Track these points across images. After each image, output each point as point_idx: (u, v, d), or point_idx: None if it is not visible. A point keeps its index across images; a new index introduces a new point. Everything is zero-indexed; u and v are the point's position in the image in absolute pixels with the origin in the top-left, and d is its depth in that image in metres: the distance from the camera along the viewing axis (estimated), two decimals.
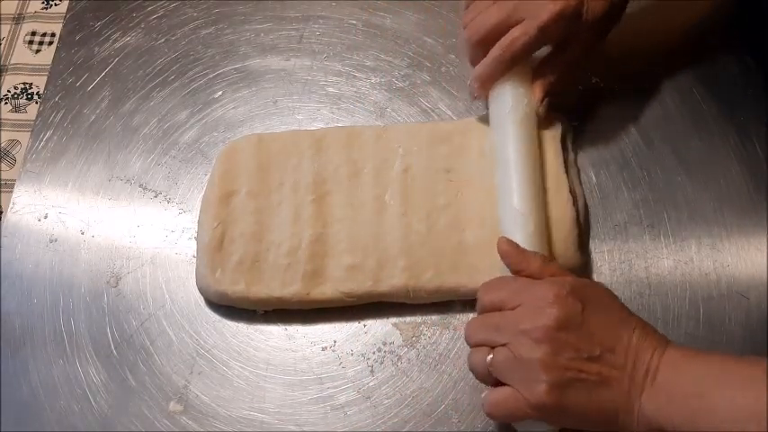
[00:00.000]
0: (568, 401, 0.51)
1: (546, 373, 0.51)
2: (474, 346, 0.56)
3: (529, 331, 0.52)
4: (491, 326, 0.55)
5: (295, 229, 0.66)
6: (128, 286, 0.68)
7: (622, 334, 0.53)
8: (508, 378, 0.53)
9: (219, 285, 0.64)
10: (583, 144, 0.71)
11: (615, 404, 0.51)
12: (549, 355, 0.51)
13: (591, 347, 0.52)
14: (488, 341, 0.55)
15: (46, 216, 0.71)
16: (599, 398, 0.51)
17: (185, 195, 0.72)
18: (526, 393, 0.52)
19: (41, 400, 0.63)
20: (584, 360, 0.52)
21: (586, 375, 0.51)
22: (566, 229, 0.64)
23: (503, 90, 0.66)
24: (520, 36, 0.64)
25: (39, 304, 0.67)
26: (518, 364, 0.52)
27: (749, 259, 0.65)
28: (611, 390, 0.51)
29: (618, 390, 0.51)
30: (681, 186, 0.69)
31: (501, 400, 0.53)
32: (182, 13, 0.82)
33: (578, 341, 0.52)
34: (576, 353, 0.52)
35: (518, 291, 0.56)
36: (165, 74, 0.78)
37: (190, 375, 0.64)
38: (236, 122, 0.75)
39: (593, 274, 0.66)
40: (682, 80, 0.74)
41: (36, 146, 0.75)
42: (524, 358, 0.52)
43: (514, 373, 0.53)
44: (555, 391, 0.51)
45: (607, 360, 0.52)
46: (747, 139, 0.71)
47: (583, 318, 0.53)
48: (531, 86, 0.67)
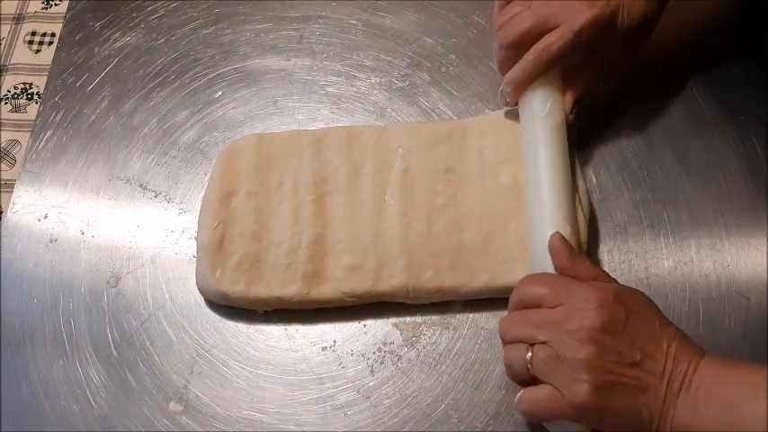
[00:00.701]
0: (608, 404, 0.52)
1: (589, 374, 0.51)
2: (509, 342, 0.56)
3: (573, 331, 0.53)
4: (531, 322, 0.55)
5: (295, 229, 0.66)
6: (128, 286, 0.68)
7: (662, 343, 0.53)
8: (549, 377, 0.53)
9: (219, 285, 0.64)
10: (583, 144, 0.71)
11: (650, 410, 0.52)
12: (593, 357, 0.52)
13: (632, 353, 0.52)
14: (528, 337, 0.55)
15: (46, 216, 0.71)
16: (636, 402, 0.52)
17: (185, 195, 0.72)
18: (567, 393, 0.52)
19: (41, 400, 0.63)
20: (626, 365, 0.52)
21: (627, 380, 0.52)
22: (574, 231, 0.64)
23: (540, 95, 0.66)
24: (556, 41, 0.64)
25: (39, 304, 0.67)
26: (560, 363, 0.52)
27: (749, 259, 0.65)
28: (648, 396, 0.52)
29: (654, 396, 0.52)
30: (681, 187, 0.69)
31: (542, 398, 0.53)
32: (182, 13, 0.82)
33: (621, 346, 0.52)
34: (618, 357, 0.52)
35: (561, 290, 0.55)
36: (165, 74, 0.78)
37: (190, 375, 0.64)
38: (236, 122, 0.75)
39: None
40: (682, 80, 0.74)
41: (36, 146, 0.75)
42: (567, 358, 0.52)
43: (556, 371, 0.53)
44: (596, 392, 0.51)
45: (646, 367, 0.52)
46: (747, 140, 0.71)
47: (626, 324, 0.53)
48: (562, 92, 0.67)
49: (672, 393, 0.52)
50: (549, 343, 0.53)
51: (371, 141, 0.69)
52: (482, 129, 0.69)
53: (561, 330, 0.53)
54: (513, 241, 0.64)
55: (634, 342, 0.53)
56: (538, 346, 0.54)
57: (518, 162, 0.67)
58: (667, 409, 0.51)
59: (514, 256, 0.64)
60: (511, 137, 0.68)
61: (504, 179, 0.67)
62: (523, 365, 0.54)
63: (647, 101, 0.73)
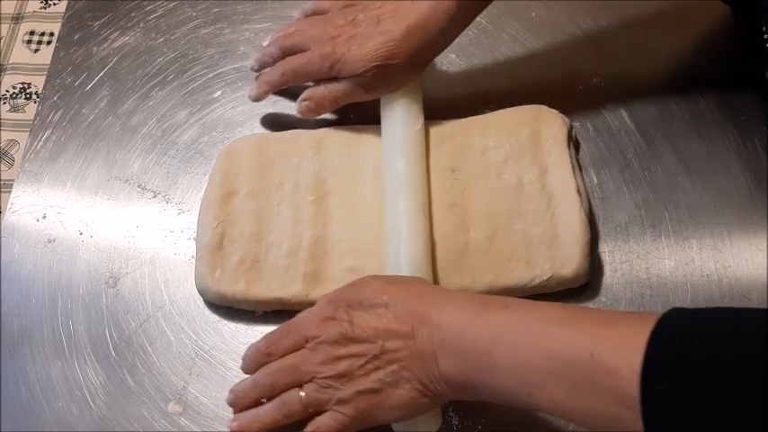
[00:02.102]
0: (382, 401, 0.53)
1: (348, 387, 0.54)
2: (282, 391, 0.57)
3: (319, 360, 0.55)
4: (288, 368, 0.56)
5: (295, 230, 0.65)
6: (126, 287, 0.67)
7: (391, 314, 0.54)
8: (324, 405, 0.55)
9: (219, 286, 0.64)
10: (583, 145, 0.71)
11: (420, 380, 0.53)
12: (344, 370, 0.54)
13: (371, 346, 0.54)
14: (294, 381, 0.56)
15: (44, 216, 0.71)
16: (406, 384, 0.53)
17: (184, 195, 0.71)
18: (345, 411, 0.54)
19: (40, 400, 0.63)
20: (375, 360, 0.53)
21: (383, 371, 0.53)
22: (575, 232, 0.64)
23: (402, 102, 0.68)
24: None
25: (37, 305, 0.67)
26: (325, 390, 0.54)
27: (750, 260, 0.65)
28: (410, 370, 0.53)
29: (415, 367, 0.52)
30: (682, 187, 0.69)
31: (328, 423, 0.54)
32: (181, 13, 0.82)
33: (359, 346, 0.54)
34: (363, 358, 0.54)
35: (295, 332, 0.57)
36: (164, 73, 0.78)
37: (189, 376, 0.63)
38: (236, 122, 0.75)
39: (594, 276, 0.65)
40: (682, 80, 0.74)
41: (34, 146, 0.75)
42: (327, 383, 0.54)
43: (327, 398, 0.54)
44: (366, 398, 0.53)
45: (391, 347, 0.53)
46: (748, 140, 0.71)
47: (352, 325, 0.54)
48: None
49: (427, 356, 0.52)
50: (312, 379, 0.55)
51: (372, 141, 0.69)
52: (482, 129, 0.69)
53: (312, 363, 0.55)
54: (517, 242, 0.64)
55: (367, 335, 0.54)
56: (306, 385, 0.55)
57: (520, 161, 0.67)
58: (432, 370, 0.52)
59: (517, 257, 0.64)
60: (513, 137, 0.68)
61: (507, 178, 0.67)
62: (300, 406, 0.55)
63: (647, 101, 0.73)
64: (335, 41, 0.67)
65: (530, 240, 0.64)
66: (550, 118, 0.69)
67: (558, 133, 0.68)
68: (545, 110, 0.70)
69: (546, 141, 0.68)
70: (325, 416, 0.55)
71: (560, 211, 0.65)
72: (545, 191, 0.66)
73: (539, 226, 0.64)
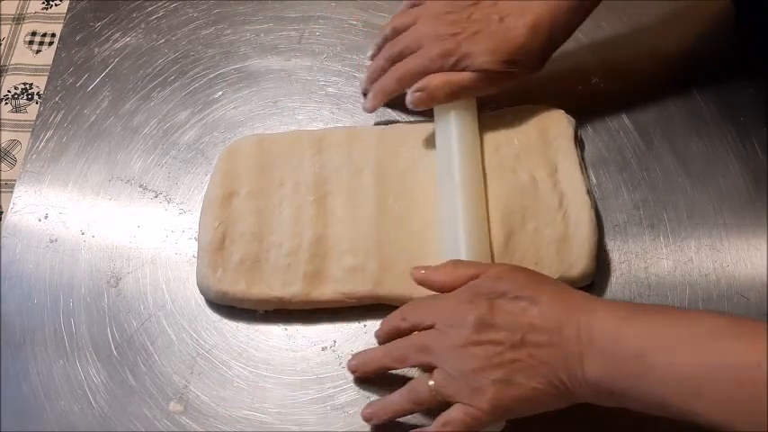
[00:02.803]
0: (516, 393, 0.52)
1: (483, 377, 0.52)
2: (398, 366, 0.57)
3: (452, 345, 0.54)
4: (414, 347, 0.56)
5: (296, 230, 0.66)
6: (128, 286, 0.68)
7: (536, 310, 0.53)
8: (454, 396, 0.54)
9: (220, 285, 0.64)
10: (583, 144, 0.71)
11: (560, 379, 0.52)
12: (479, 360, 0.53)
13: (512, 336, 0.53)
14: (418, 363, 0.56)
15: (46, 216, 0.71)
16: (541, 378, 0.52)
17: (186, 196, 0.72)
18: (475, 404, 0.53)
19: (41, 400, 0.63)
20: (512, 350, 0.52)
21: (520, 364, 0.52)
22: (585, 233, 0.64)
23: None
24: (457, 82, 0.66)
25: (39, 304, 0.67)
26: (456, 379, 0.53)
27: (749, 260, 0.65)
28: (550, 367, 0.52)
29: (556, 364, 0.52)
30: (681, 187, 0.69)
31: (457, 418, 0.53)
32: (182, 14, 0.82)
33: (497, 335, 0.53)
34: (500, 347, 0.53)
35: (430, 310, 0.57)
36: (166, 74, 0.78)
37: (190, 375, 0.64)
38: (237, 123, 0.75)
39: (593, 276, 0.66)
40: (682, 80, 0.74)
41: (36, 146, 0.75)
42: (460, 372, 0.53)
43: (457, 389, 0.53)
44: (499, 390, 0.52)
45: (532, 341, 0.52)
46: (747, 140, 0.71)
47: (493, 312, 0.53)
48: None
49: (571, 355, 0.51)
50: (439, 365, 0.54)
51: (372, 141, 0.69)
52: (491, 125, 0.69)
53: (443, 348, 0.54)
54: (529, 242, 0.64)
55: (509, 324, 0.53)
56: (436, 371, 0.55)
57: (530, 158, 0.67)
58: (573, 370, 0.51)
59: (527, 258, 0.63)
60: (521, 134, 0.68)
61: (521, 176, 0.66)
62: (429, 394, 0.55)
63: (647, 101, 0.73)
64: (457, 38, 0.65)
65: (540, 241, 0.64)
66: (556, 117, 0.69)
67: (565, 132, 0.68)
68: (551, 109, 0.70)
69: (554, 140, 0.68)
70: (455, 409, 0.54)
71: (571, 211, 0.64)
72: (557, 189, 0.66)
73: (550, 226, 0.64)
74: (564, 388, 0.52)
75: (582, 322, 0.51)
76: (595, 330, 0.51)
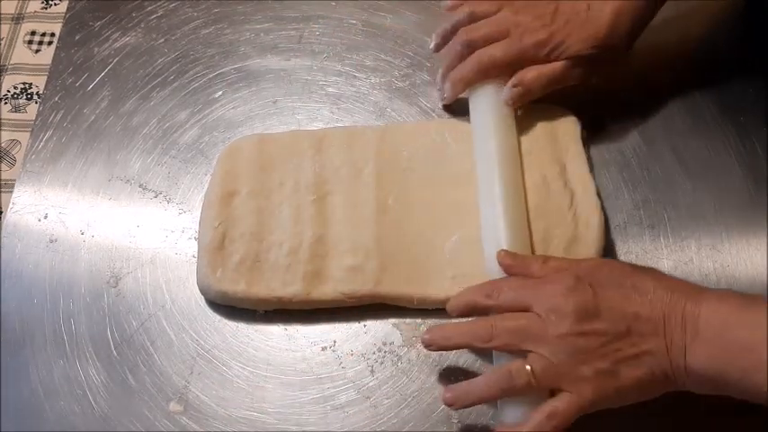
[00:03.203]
0: (619, 384, 0.51)
1: (587, 367, 0.51)
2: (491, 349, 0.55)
3: (554, 333, 0.52)
4: (508, 331, 0.54)
5: (296, 230, 0.66)
6: (128, 286, 0.67)
7: (641, 299, 0.52)
8: (554, 383, 0.53)
9: (220, 285, 0.64)
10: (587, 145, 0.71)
11: (662, 368, 0.51)
12: (583, 349, 0.51)
13: (616, 326, 0.52)
14: (512, 347, 0.54)
15: (46, 216, 0.71)
16: (645, 368, 0.51)
17: (185, 195, 0.72)
18: (577, 393, 0.51)
19: (41, 400, 0.63)
20: (616, 340, 0.51)
21: (624, 354, 0.51)
22: (594, 234, 0.64)
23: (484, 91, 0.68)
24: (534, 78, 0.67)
25: (39, 305, 0.67)
26: (557, 367, 0.52)
27: (749, 260, 0.65)
28: (654, 356, 0.51)
29: (659, 353, 0.51)
30: (681, 187, 0.69)
31: (562, 408, 0.52)
32: (181, 13, 0.82)
33: (602, 324, 0.52)
34: (605, 337, 0.52)
35: (526, 293, 0.55)
36: (165, 74, 0.78)
37: (190, 375, 0.64)
38: (236, 122, 0.75)
39: None
40: (682, 80, 0.74)
41: (36, 146, 0.75)
42: (561, 361, 0.52)
43: (558, 377, 0.52)
44: (603, 380, 0.51)
45: (637, 330, 0.52)
46: (747, 140, 0.71)
47: (597, 301, 0.52)
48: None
49: (676, 345, 0.51)
50: (538, 351, 0.53)
51: (372, 141, 0.69)
52: None
53: (543, 334, 0.53)
54: (537, 241, 0.63)
55: (613, 314, 0.52)
56: (532, 357, 0.53)
57: (540, 156, 0.67)
58: (677, 360, 0.51)
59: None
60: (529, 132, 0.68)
61: (532, 174, 0.66)
62: (525, 381, 0.53)
63: (647, 101, 0.73)
64: (550, 29, 0.66)
65: (549, 241, 0.63)
66: (563, 116, 0.69)
67: (572, 131, 0.68)
68: (556, 108, 0.70)
69: (561, 139, 0.68)
70: (560, 400, 0.52)
71: (581, 211, 0.64)
72: (567, 188, 0.66)
73: (559, 227, 0.64)
74: (664, 377, 0.51)
75: (687, 310, 0.51)
76: (701, 319, 0.50)
